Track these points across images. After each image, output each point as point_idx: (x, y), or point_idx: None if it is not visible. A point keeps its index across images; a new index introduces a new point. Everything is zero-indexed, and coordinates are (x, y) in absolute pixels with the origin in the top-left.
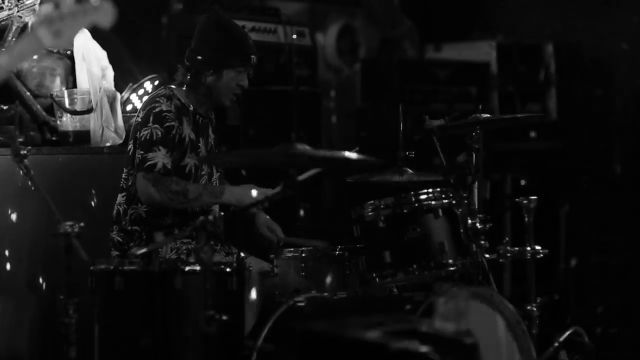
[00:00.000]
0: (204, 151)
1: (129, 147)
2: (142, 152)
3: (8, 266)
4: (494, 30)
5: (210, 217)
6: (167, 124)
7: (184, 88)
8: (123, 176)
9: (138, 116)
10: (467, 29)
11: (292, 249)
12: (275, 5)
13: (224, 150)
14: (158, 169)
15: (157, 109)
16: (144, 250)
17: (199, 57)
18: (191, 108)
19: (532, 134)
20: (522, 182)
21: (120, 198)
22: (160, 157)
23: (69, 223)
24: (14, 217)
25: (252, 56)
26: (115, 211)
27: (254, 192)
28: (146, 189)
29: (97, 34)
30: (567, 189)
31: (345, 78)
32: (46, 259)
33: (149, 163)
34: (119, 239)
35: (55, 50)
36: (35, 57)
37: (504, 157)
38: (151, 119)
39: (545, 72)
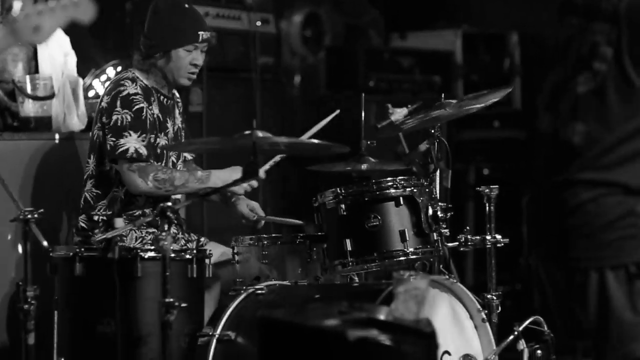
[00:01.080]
0: (172, 132)
1: (94, 132)
2: (113, 138)
3: None
4: (459, 19)
5: (170, 203)
6: (136, 106)
7: (144, 71)
8: (91, 163)
9: (102, 101)
10: (432, 18)
11: (252, 237)
12: None
13: (188, 138)
14: (130, 155)
15: (124, 93)
16: (103, 236)
17: (149, 41)
18: (154, 89)
19: (496, 124)
20: (485, 172)
21: (88, 185)
22: (132, 142)
23: (27, 209)
24: None
25: (200, 33)
26: (83, 199)
27: (235, 175)
28: (133, 180)
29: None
30: (530, 178)
31: (309, 66)
32: (7, 245)
33: (120, 150)
34: (83, 225)
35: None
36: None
37: (468, 146)
38: (118, 103)
39: (510, 62)
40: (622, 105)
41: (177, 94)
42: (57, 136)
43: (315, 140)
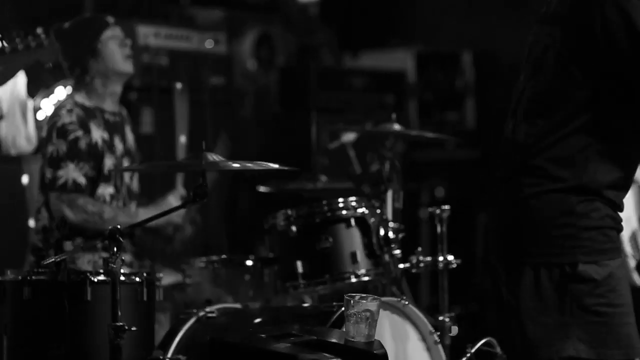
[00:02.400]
0: (122, 149)
1: (41, 160)
2: (50, 169)
3: None
4: (412, 38)
5: (118, 226)
6: (71, 136)
7: (83, 91)
8: (41, 188)
9: (42, 131)
10: (385, 37)
11: (203, 259)
12: (190, 13)
13: (138, 157)
14: (69, 187)
15: (59, 123)
16: (52, 259)
17: (70, 60)
18: (98, 109)
19: (450, 144)
20: (439, 192)
21: (43, 211)
22: (70, 173)
23: None
24: None
25: (106, 18)
26: (39, 222)
27: (172, 200)
28: (61, 211)
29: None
30: (484, 198)
31: (262, 86)
32: None
33: (59, 182)
34: (38, 244)
35: None
36: None
37: (422, 167)
38: (54, 134)
39: (464, 81)
40: (565, 105)
41: (124, 112)
42: (7, 158)
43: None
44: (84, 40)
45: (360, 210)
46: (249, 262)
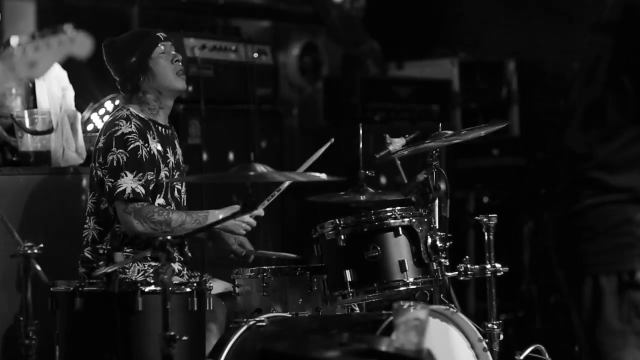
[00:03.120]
0: (173, 162)
1: (92, 170)
2: (111, 179)
3: None
4: (456, 47)
5: (170, 238)
6: (131, 145)
7: (136, 104)
8: (91, 200)
9: (99, 141)
10: (429, 47)
11: (253, 268)
12: (236, 25)
13: (185, 171)
14: (127, 195)
15: (118, 133)
16: (103, 270)
17: (123, 76)
18: (151, 121)
19: (495, 151)
20: (485, 199)
21: (91, 222)
22: (128, 183)
23: (27, 244)
24: None
25: (158, 34)
26: (86, 234)
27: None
28: (129, 221)
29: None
30: (530, 205)
31: (307, 96)
32: (7, 280)
33: (118, 191)
34: (88, 256)
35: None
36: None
37: (467, 175)
38: (114, 143)
39: (508, 89)
40: (619, 115)
41: (172, 127)
42: (57, 170)
43: (314, 174)
44: (135, 58)
45: (407, 219)
46: (298, 272)
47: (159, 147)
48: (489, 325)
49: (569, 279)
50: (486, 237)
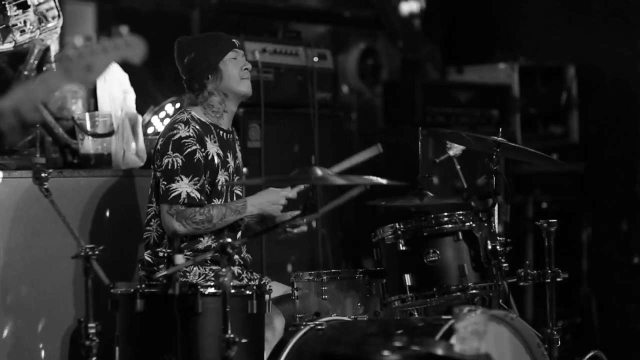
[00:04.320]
0: (233, 166)
1: (152, 173)
2: (165, 182)
3: (31, 289)
4: (516, 52)
5: (230, 240)
6: (188, 150)
7: (200, 107)
8: (152, 202)
9: (158, 143)
10: (489, 52)
11: (312, 272)
12: (296, 29)
13: (245, 174)
14: (182, 200)
15: (176, 136)
16: (164, 273)
17: (190, 75)
18: (213, 125)
19: (554, 156)
20: (544, 205)
21: (154, 224)
22: (183, 187)
23: (89, 246)
24: (35, 239)
25: (233, 40)
26: (147, 237)
27: (274, 194)
28: (171, 224)
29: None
30: (589, 211)
31: (367, 100)
32: (68, 281)
33: (172, 195)
34: (149, 259)
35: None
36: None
37: (526, 180)
38: (170, 147)
39: (567, 94)
40: None
41: (234, 130)
42: (118, 173)
43: (373, 178)
44: (207, 58)
45: (467, 224)
46: (357, 276)
47: (219, 152)
48: (548, 330)
49: None
50: (546, 242)
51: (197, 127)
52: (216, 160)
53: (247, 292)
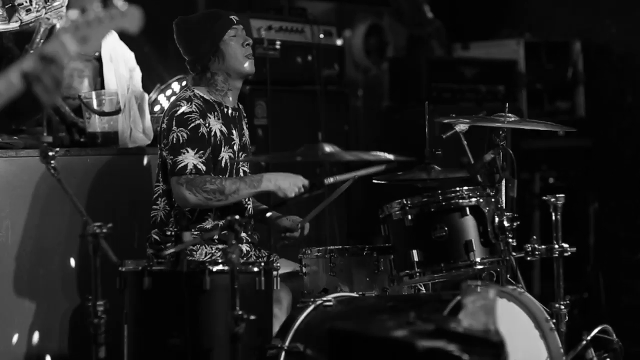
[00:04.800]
0: (238, 143)
1: (159, 152)
2: (171, 157)
3: (39, 268)
4: (522, 28)
5: (237, 217)
6: (192, 124)
7: (204, 85)
8: (159, 181)
9: (163, 122)
10: (495, 27)
11: (320, 249)
12: (302, 5)
13: (251, 152)
14: (189, 170)
15: (179, 112)
16: (172, 250)
17: (193, 56)
18: (217, 103)
19: (561, 132)
20: (551, 180)
21: (161, 203)
22: (190, 158)
23: (96, 224)
24: (43, 218)
25: (231, 17)
26: (155, 215)
27: (293, 176)
28: (181, 193)
29: (125, 35)
30: (596, 186)
31: (372, 77)
32: (76, 260)
33: (179, 166)
34: (156, 238)
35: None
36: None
37: (533, 155)
38: (174, 122)
39: (573, 70)
40: None
41: (242, 107)
42: (124, 151)
43: (380, 154)
44: (206, 39)
45: (474, 199)
46: (365, 252)
47: (223, 129)
48: (556, 305)
49: None
50: (553, 217)
51: (200, 103)
52: (219, 136)
53: (255, 269)
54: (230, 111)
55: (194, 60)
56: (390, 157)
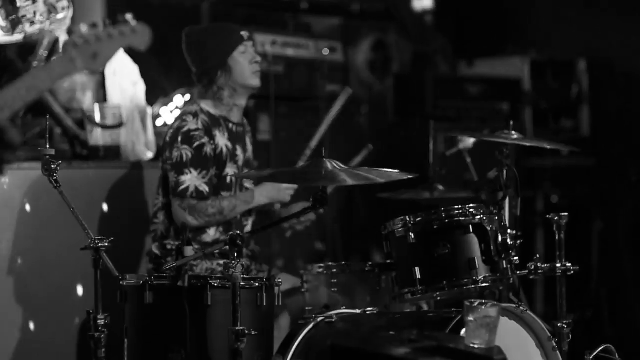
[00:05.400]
0: (242, 159)
1: (161, 165)
2: (175, 175)
3: (40, 281)
4: (527, 46)
5: (239, 232)
6: (197, 143)
7: (210, 100)
8: (160, 194)
9: (167, 135)
10: (500, 45)
11: (321, 265)
12: (307, 21)
13: (255, 166)
14: (190, 193)
15: (185, 129)
16: (173, 264)
17: (201, 69)
18: (222, 118)
19: (564, 151)
20: (554, 199)
21: (161, 217)
22: (192, 180)
23: (98, 238)
24: (44, 231)
25: (242, 33)
26: (155, 229)
27: (276, 187)
28: (183, 217)
29: (129, 49)
30: (599, 205)
31: (377, 93)
32: (77, 273)
33: (181, 188)
34: (156, 252)
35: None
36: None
37: (536, 174)
38: (179, 139)
39: (578, 88)
40: None
41: (246, 122)
42: (127, 165)
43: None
44: (215, 54)
45: (478, 217)
46: (367, 269)
47: (228, 144)
48: (559, 324)
49: None
50: (557, 236)
51: (206, 119)
52: (224, 152)
53: (257, 284)
54: (234, 127)
55: (201, 73)
56: (395, 172)
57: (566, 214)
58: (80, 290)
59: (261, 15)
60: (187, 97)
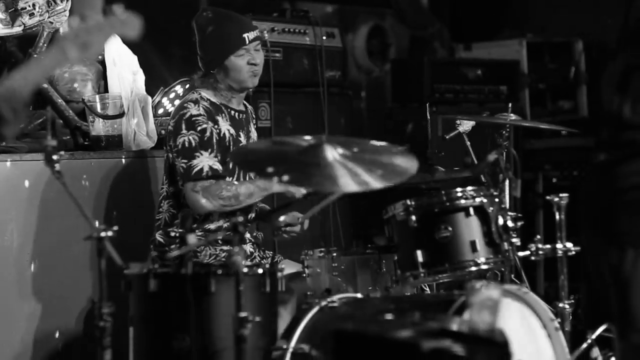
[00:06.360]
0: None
1: (165, 154)
2: (184, 160)
3: (44, 271)
4: (524, 28)
5: (241, 219)
6: (200, 127)
7: (210, 89)
8: (164, 183)
9: (169, 124)
10: (497, 28)
11: (322, 249)
12: (304, 8)
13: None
14: (206, 173)
15: (187, 115)
16: (177, 252)
17: (203, 58)
18: (223, 105)
19: (563, 132)
20: (554, 180)
21: (165, 206)
22: (205, 161)
23: (101, 227)
24: (47, 221)
25: (245, 35)
26: (160, 218)
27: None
28: (197, 201)
29: (128, 39)
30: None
31: (375, 79)
32: (81, 263)
33: (195, 170)
34: (161, 240)
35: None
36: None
37: (536, 155)
38: (183, 126)
39: (576, 70)
40: None
41: (250, 109)
42: (128, 154)
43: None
44: (215, 50)
45: (478, 199)
46: (368, 252)
47: (231, 130)
48: (561, 304)
49: (610, 249)
50: (557, 216)
51: (207, 105)
52: (227, 138)
53: (260, 270)
54: (236, 114)
55: (201, 61)
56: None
57: (566, 194)
58: (84, 280)
59: (259, 3)
60: (187, 86)
